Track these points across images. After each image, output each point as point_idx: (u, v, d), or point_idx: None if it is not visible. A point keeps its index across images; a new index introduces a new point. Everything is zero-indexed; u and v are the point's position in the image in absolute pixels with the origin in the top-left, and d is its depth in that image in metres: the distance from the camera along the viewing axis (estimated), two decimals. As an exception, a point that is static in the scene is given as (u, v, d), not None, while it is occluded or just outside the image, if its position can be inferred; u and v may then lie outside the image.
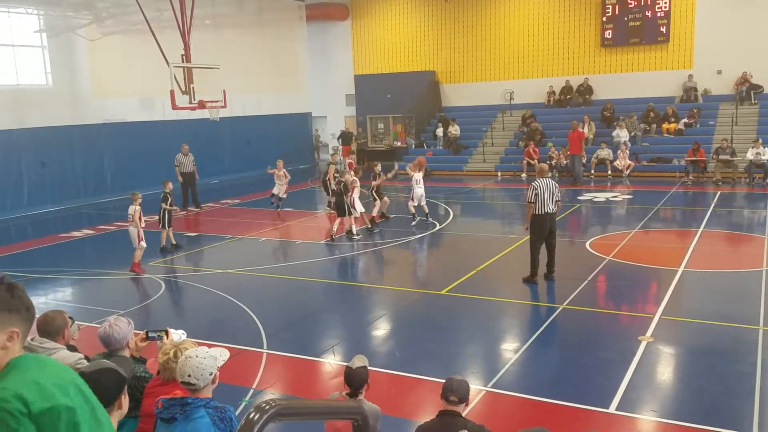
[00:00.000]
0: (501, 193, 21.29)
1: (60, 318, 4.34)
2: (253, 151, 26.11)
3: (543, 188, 9.93)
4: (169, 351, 3.71)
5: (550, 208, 10.00)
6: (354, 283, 11.22)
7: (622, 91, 25.13)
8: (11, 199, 18.55)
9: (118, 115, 21.31)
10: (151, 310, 9.88)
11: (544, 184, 9.99)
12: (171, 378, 3.67)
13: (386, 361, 7.51)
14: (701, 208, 16.56)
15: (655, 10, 24.36)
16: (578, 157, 21.24)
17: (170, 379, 3.68)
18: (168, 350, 3.74)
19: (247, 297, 10.08)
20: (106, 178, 21.22)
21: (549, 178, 10.32)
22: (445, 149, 26.28)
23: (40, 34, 19.86)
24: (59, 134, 19.62)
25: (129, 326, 4.19)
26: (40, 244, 14.81)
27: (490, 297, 9.83)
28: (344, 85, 30.87)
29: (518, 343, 7.87)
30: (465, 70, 28.42)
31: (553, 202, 10.03)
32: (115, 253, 13.92)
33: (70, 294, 11.07)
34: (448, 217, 16.41)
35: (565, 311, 8.93)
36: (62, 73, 20.20)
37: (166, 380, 3.73)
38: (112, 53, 20.62)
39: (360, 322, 9.05)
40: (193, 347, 3.63)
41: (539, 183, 9.99)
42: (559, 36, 26.31)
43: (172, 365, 3.61)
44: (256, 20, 26.72)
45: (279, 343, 8.12)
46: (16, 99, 18.65)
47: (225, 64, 17.43)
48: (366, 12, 30.18)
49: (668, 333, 8.09)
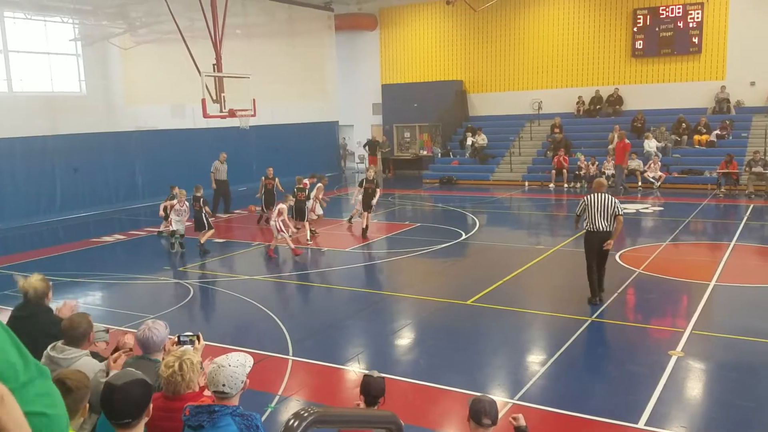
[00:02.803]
0: (528, 204, 21.13)
1: (85, 322, 4.35)
2: (280, 158, 26.30)
3: (594, 203, 9.28)
4: (173, 363, 3.47)
5: (602, 226, 9.27)
6: (379, 291, 11.22)
7: (652, 102, 24.83)
8: (45, 203, 18.94)
9: (149, 122, 21.67)
10: (178, 314, 9.98)
11: (597, 198, 9.30)
12: (175, 392, 3.47)
13: (411, 370, 7.48)
14: (733, 222, 16.23)
15: (687, 21, 24.04)
16: (621, 168, 21.14)
17: (175, 393, 3.47)
18: (172, 363, 3.49)
19: (274, 303, 10.15)
20: (138, 184, 21.58)
21: (605, 193, 9.47)
22: (472, 158, 26.21)
23: (75, 43, 20.33)
24: (92, 141, 20.00)
25: (166, 330, 4.22)
26: (71, 249, 15.09)
27: (517, 308, 9.75)
28: (371, 94, 31.01)
29: (545, 356, 7.78)
30: (493, 79, 28.34)
31: (607, 220, 9.25)
32: (144, 258, 14.14)
33: (100, 298, 11.24)
34: (474, 226, 16.33)
35: (594, 324, 8.81)
36: (96, 81, 20.64)
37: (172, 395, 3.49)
38: (144, 62, 21.02)
39: (384, 330, 9.03)
40: (196, 357, 3.61)
41: (590, 198, 9.36)
42: (588, 46, 26.12)
43: (178, 378, 3.44)
44: (286, 30, 27.01)
45: (304, 350, 8.15)
46: (51, 106, 19.09)
47: (254, 73, 17.62)
48: (394, 22, 30.31)
49: (699, 348, 7.94)
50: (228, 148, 23.38)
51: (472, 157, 26.22)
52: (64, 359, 4.19)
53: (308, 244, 14.55)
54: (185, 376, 3.46)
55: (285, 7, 26.84)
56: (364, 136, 30.49)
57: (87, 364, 4.17)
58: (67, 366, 4.15)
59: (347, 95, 30.86)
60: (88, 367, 4.08)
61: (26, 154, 18.34)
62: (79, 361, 4.19)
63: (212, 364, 3.37)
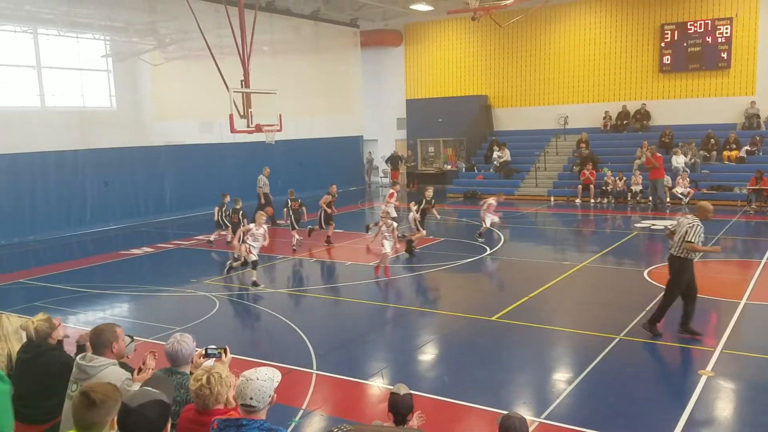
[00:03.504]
0: (554, 219, 20.95)
1: (108, 331, 4.39)
2: (305, 172, 26.54)
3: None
4: (202, 377, 3.54)
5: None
6: (403, 306, 11.19)
7: (681, 117, 24.55)
8: (75, 216, 19.30)
9: (178, 137, 22.02)
10: (204, 327, 10.05)
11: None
12: (205, 406, 3.53)
13: (434, 386, 7.43)
14: (764, 239, 15.92)
15: (716, 36, 23.79)
16: (660, 182, 21.00)
17: (204, 407, 3.53)
18: (200, 376, 3.56)
19: (298, 317, 10.18)
20: (166, 197, 21.89)
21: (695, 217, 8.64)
22: (496, 173, 26.12)
23: (106, 59, 20.76)
24: (122, 155, 20.38)
25: (193, 343, 4.26)
26: (101, 261, 15.32)
27: (543, 325, 9.64)
28: (396, 109, 31.15)
29: (572, 374, 7.67)
30: (518, 94, 28.29)
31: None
32: (171, 270, 14.30)
33: (127, 309, 11.39)
34: (499, 241, 16.24)
35: (622, 342, 8.67)
36: (126, 97, 21.03)
37: (202, 409, 3.56)
38: (174, 77, 21.39)
39: (408, 345, 9.00)
40: (225, 371, 3.64)
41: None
42: (615, 61, 25.96)
43: (206, 392, 3.50)
44: (312, 46, 27.33)
45: (328, 364, 8.15)
46: (82, 120, 19.49)
47: (281, 88, 17.82)
48: (419, 38, 30.47)
49: (730, 367, 7.76)
50: (254, 163, 23.69)
51: (496, 172, 26.13)
52: (91, 367, 4.24)
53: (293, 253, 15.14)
54: (213, 390, 3.50)
55: (311, 24, 27.19)
56: (388, 151, 30.59)
57: (113, 373, 4.22)
58: (94, 374, 4.21)
59: (372, 110, 31.05)
60: (114, 377, 4.12)
61: (58, 167, 18.75)
62: (105, 370, 4.24)
63: (241, 377, 3.40)
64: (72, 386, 4.34)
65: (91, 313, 10.92)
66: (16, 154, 17.73)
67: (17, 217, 17.90)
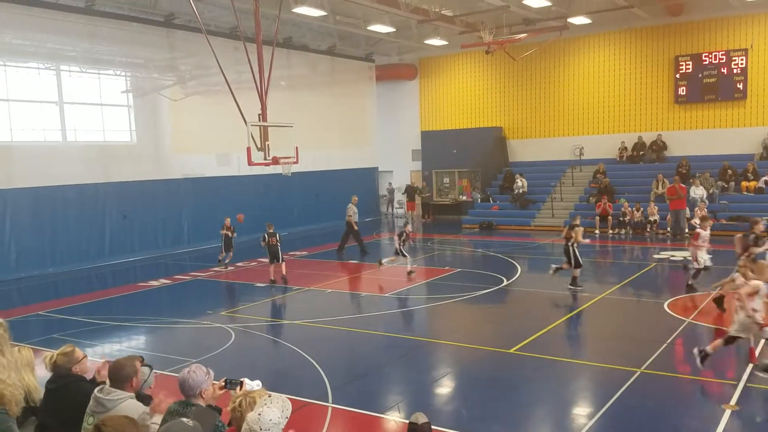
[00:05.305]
0: (571, 250, 20.75)
1: (129, 366, 4.42)
2: (321, 204, 26.68)
3: None
4: (237, 399, 3.78)
5: None
6: (419, 337, 11.10)
7: (697, 148, 24.45)
8: (94, 248, 19.49)
9: (196, 170, 22.30)
10: (220, 359, 10.03)
11: None
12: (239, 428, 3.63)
13: (452, 420, 7.32)
14: (787, 270, 15.62)
15: (731, 67, 23.80)
16: (682, 212, 21.02)
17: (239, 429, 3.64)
18: (236, 398, 3.80)
19: (313, 348, 10.12)
20: (183, 229, 22.09)
21: None
22: (512, 204, 26.07)
23: (127, 95, 21.19)
24: (141, 188, 20.65)
25: (207, 375, 4.24)
26: (118, 293, 15.42)
27: (562, 358, 9.51)
28: (411, 141, 31.37)
29: (593, 408, 7.53)
30: (533, 125, 28.38)
31: None
32: (189, 303, 14.34)
33: (144, 341, 11.41)
34: (516, 272, 16.13)
35: (643, 375, 8.52)
36: (146, 131, 21.39)
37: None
38: (192, 112, 21.75)
39: (425, 378, 8.90)
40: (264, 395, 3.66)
41: None
42: (631, 93, 26.01)
43: (237, 414, 3.65)
44: (328, 80, 27.74)
45: (344, 396, 8.07)
46: (103, 154, 19.83)
47: (298, 121, 18.02)
48: (434, 71, 30.80)
49: (755, 402, 7.60)
50: (270, 195, 23.94)
51: (512, 203, 26.08)
52: (109, 401, 4.24)
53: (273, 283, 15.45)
54: (244, 413, 3.57)
55: (327, 59, 27.65)
56: (404, 182, 30.76)
57: (131, 407, 4.21)
58: (112, 407, 4.21)
59: (387, 142, 31.29)
60: (131, 410, 4.12)
61: (79, 200, 19.02)
62: (123, 404, 4.24)
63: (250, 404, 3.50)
64: (88, 419, 4.34)
65: (108, 345, 10.95)
66: (38, 187, 18.04)
67: (38, 250, 18.13)
